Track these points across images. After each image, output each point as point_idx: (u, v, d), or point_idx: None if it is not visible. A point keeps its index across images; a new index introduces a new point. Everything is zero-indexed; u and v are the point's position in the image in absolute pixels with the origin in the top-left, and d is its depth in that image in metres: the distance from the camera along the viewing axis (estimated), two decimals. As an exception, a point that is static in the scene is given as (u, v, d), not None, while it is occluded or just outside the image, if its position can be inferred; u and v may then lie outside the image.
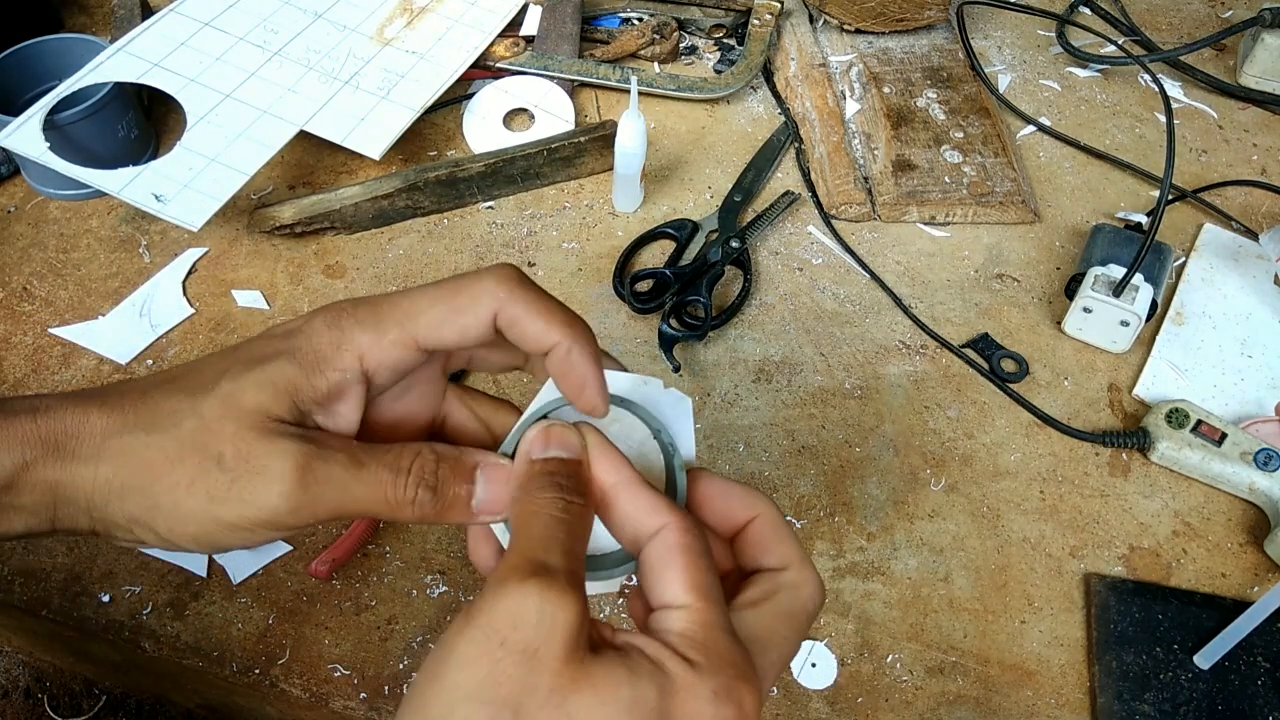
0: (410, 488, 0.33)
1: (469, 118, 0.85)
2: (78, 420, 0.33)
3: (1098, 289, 0.68)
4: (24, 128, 0.71)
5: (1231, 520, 0.63)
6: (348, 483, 0.33)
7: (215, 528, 0.32)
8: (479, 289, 0.34)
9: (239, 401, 0.32)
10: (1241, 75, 0.92)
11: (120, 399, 0.34)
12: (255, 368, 0.33)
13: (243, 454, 0.32)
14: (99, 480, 0.33)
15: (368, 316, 0.34)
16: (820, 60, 0.89)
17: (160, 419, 0.33)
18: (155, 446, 0.32)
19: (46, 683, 1.07)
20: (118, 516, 0.33)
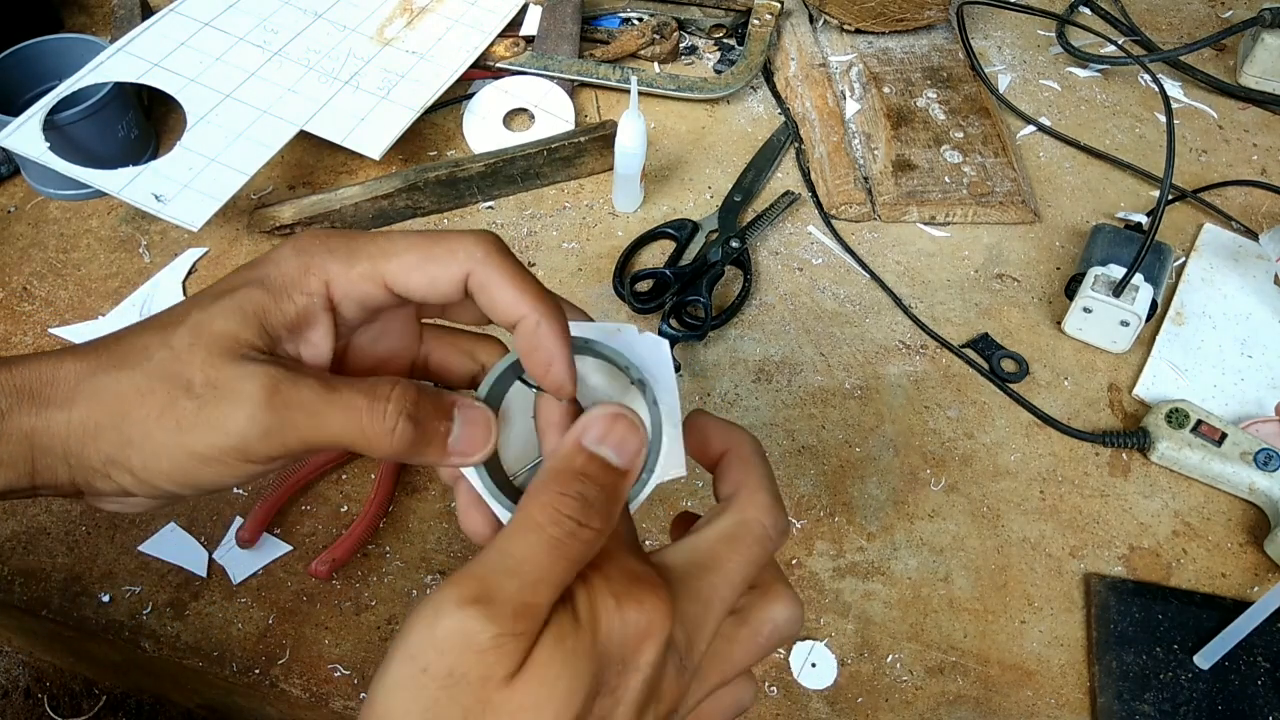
0: (391, 416, 0.32)
1: (469, 118, 0.85)
2: (51, 368, 0.33)
3: (1098, 289, 0.68)
4: (24, 128, 0.71)
5: (1231, 520, 0.63)
6: (319, 407, 0.31)
7: (187, 460, 0.31)
8: (456, 245, 0.33)
9: (208, 328, 0.32)
10: (1241, 75, 0.92)
11: (93, 345, 0.34)
12: (224, 297, 0.33)
13: (210, 380, 0.31)
14: (74, 423, 0.32)
15: (339, 246, 0.34)
16: (820, 60, 0.89)
17: (131, 355, 0.32)
18: (126, 381, 0.32)
19: (46, 683, 1.07)
20: (94, 460, 0.32)
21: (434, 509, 0.62)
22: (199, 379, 0.31)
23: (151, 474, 0.32)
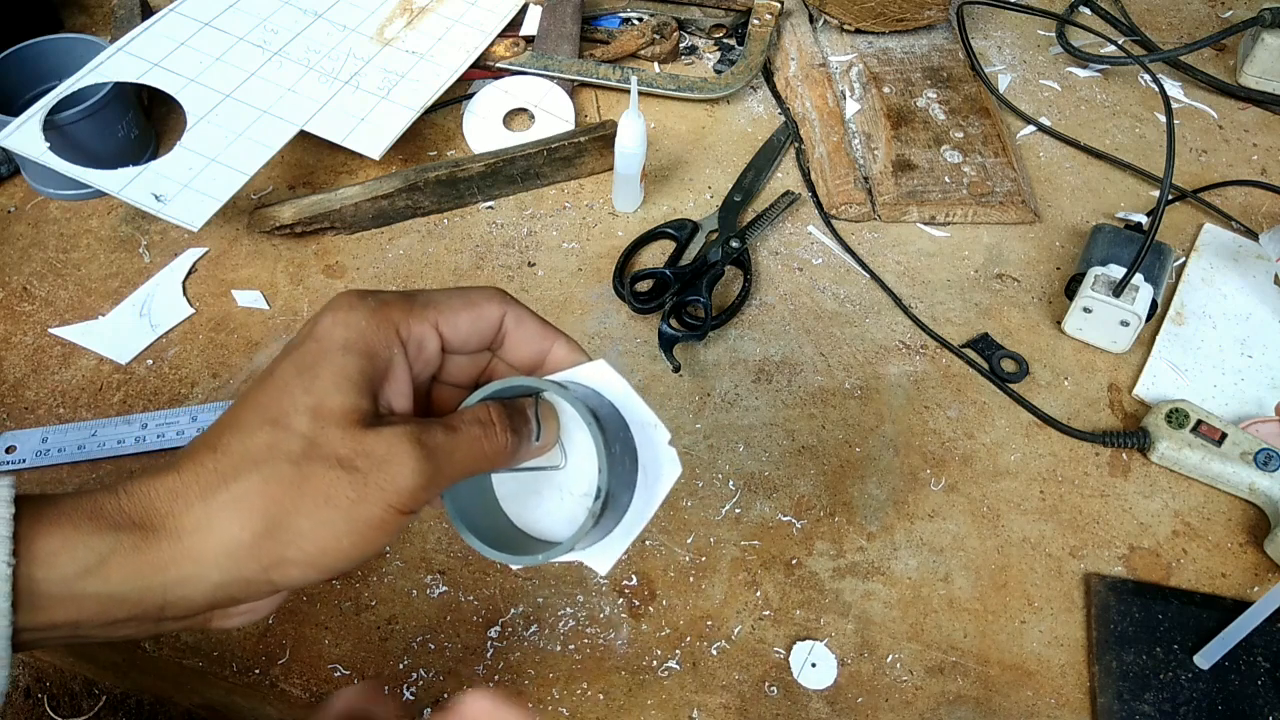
0: (501, 434, 0.35)
1: (469, 118, 0.85)
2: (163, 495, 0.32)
3: (1098, 289, 0.68)
4: (24, 128, 0.71)
5: (1231, 520, 0.63)
6: (452, 446, 0.34)
7: (364, 530, 0.32)
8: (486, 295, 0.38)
9: (327, 407, 0.33)
10: (1241, 75, 0.92)
11: (194, 460, 0.33)
12: (319, 372, 0.33)
13: (361, 451, 0.32)
14: (222, 542, 0.31)
15: (398, 301, 0.36)
16: (820, 60, 0.89)
17: (252, 457, 0.32)
18: (270, 481, 0.32)
19: (46, 683, 1.07)
20: (250, 570, 0.32)
21: (434, 509, 0.62)
22: (349, 453, 0.32)
23: (327, 558, 0.32)
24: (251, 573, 0.32)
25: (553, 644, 0.57)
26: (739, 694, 0.55)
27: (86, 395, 0.67)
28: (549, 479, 0.40)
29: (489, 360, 0.40)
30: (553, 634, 0.57)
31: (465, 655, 0.56)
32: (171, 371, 0.69)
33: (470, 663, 0.56)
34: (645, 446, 0.40)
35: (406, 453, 0.32)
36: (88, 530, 0.31)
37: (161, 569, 0.31)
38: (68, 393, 0.67)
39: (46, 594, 0.31)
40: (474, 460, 0.35)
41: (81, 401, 0.67)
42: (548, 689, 0.55)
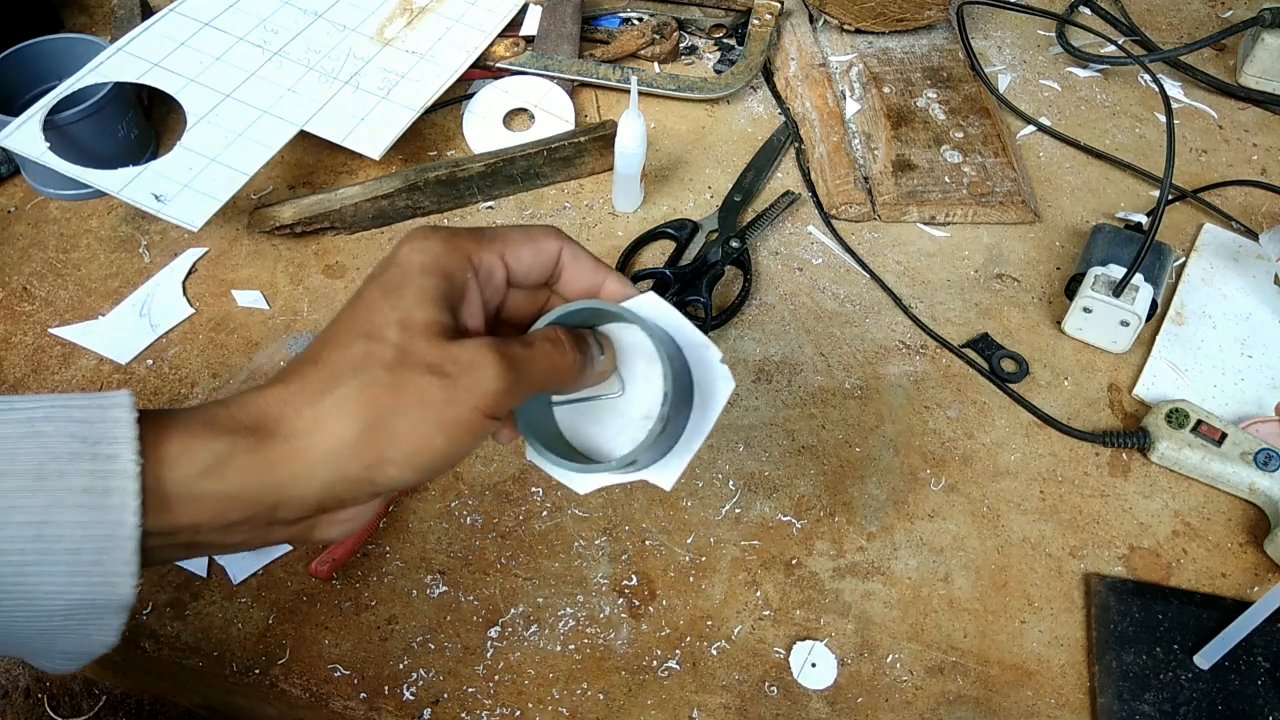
0: (570, 351, 0.39)
1: (469, 118, 0.85)
2: (271, 402, 0.34)
3: (1098, 289, 0.68)
4: (24, 128, 0.71)
5: (1231, 520, 0.63)
6: (529, 359, 0.37)
7: (455, 430, 0.34)
8: (545, 231, 0.41)
9: (414, 321, 0.35)
10: (1241, 75, 0.92)
11: (297, 373, 0.35)
12: (403, 293, 0.36)
13: (449, 358, 0.35)
14: (327, 441, 0.33)
15: (468, 234, 0.39)
16: (820, 60, 0.89)
17: (351, 366, 0.34)
18: (369, 387, 0.34)
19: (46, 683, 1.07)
20: (354, 469, 0.34)
21: (434, 509, 0.62)
22: (438, 360, 0.34)
23: (421, 456, 0.34)
24: (356, 471, 0.34)
25: (553, 644, 0.57)
26: (739, 694, 0.55)
27: (86, 395, 0.67)
28: (608, 407, 0.43)
29: (546, 298, 0.43)
30: (553, 634, 0.57)
31: (465, 655, 0.56)
32: (171, 371, 0.69)
33: (470, 663, 0.56)
34: (698, 366, 0.43)
35: (489, 360, 0.35)
36: (205, 435, 0.33)
37: (275, 467, 0.33)
38: (68, 393, 0.67)
39: (171, 494, 0.32)
40: (547, 373, 0.37)
41: (81, 401, 0.67)
42: (548, 689, 0.55)
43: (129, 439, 0.31)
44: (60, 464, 0.31)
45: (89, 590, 0.31)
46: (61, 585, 0.31)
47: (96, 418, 0.32)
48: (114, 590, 0.31)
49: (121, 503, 0.31)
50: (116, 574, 0.31)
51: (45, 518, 0.30)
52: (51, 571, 0.30)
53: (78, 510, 0.30)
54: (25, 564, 0.30)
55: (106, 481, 0.31)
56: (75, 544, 0.30)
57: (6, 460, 0.30)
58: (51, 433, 0.31)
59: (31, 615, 0.31)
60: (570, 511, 0.62)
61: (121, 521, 0.31)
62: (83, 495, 0.30)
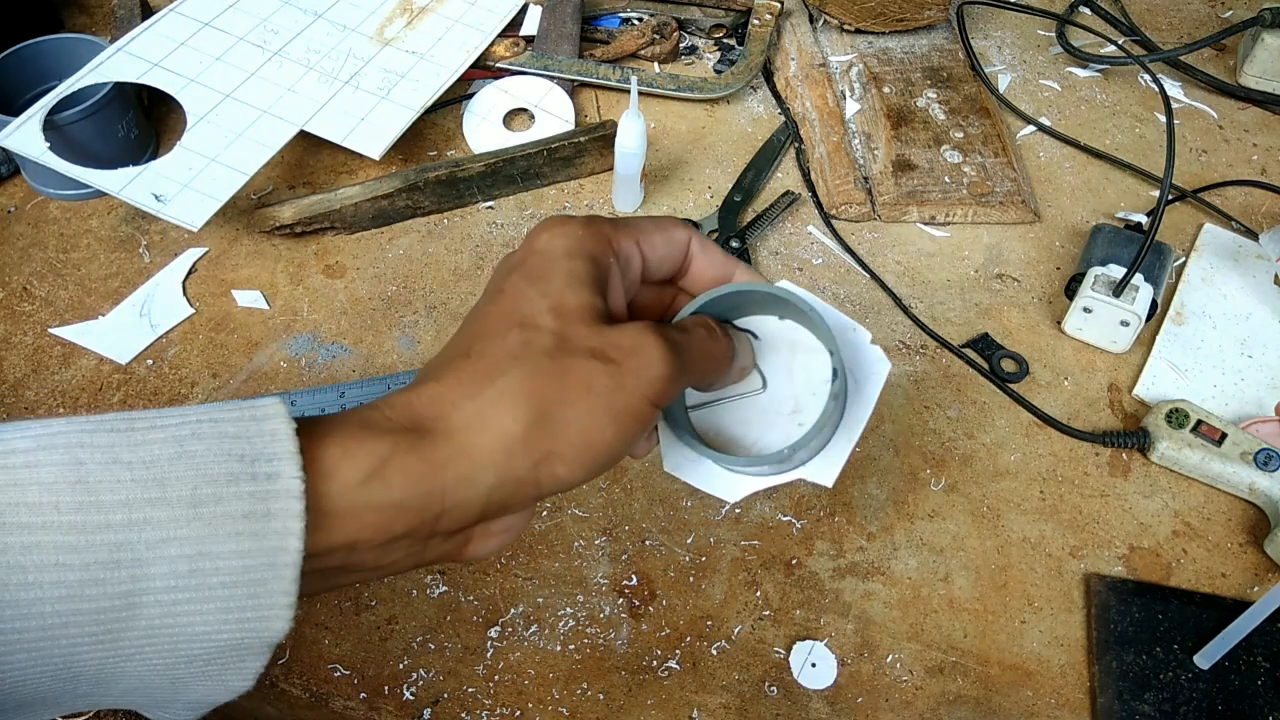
0: (723, 340, 0.37)
1: (469, 118, 0.85)
2: (426, 399, 0.32)
3: (1098, 289, 0.68)
4: (24, 128, 0.71)
5: (1231, 520, 0.63)
6: (688, 344, 0.35)
7: (626, 419, 0.32)
8: (674, 222, 0.39)
9: (569, 306, 0.33)
10: (1241, 75, 0.92)
11: (449, 365, 0.32)
12: (551, 279, 0.34)
13: (612, 342, 0.33)
14: (493, 439, 0.31)
15: (606, 220, 0.37)
16: (820, 60, 0.89)
17: (516, 354, 0.32)
18: (535, 373, 0.31)
19: (46, 683, 1.06)
20: (521, 468, 0.31)
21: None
22: (600, 345, 0.32)
23: (592, 449, 0.32)
24: (523, 469, 0.31)
25: (553, 644, 0.57)
26: (739, 694, 0.55)
27: (86, 395, 0.67)
28: (750, 405, 0.40)
29: (673, 296, 0.41)
30: (553, 634, 0.57)
31: (465, 655, 0.56)
32: (171, 371, 0.69)
33: (470, 663, 0.56)
34: (847, 350, 0.40)
35: (653, 343, 0.33)
36: (363, 437, 0.30)
37: (440, 468, 0.30)
38: (68, 393, 0.67)
39: (331, 508, 0.29)
40: (705, 359, 0.36)
41: (81, 402, 0.67)
42: (548, 689, 0.55)
43: (290, 454, 0.28)
44: (217, 487, 0.27)
45: (240, 628, 0.28)
46: (213, 625, 0.27)
47: (251, 431, 0.28)
48: (266, 626, 0.28)
49: (284, 526, 0.27)
50: (273, 606, 0.28)
51: (201, 549, 0.27)
52: (204, 610, 0.27)
53: (236, 539, 0.27)
54: (177, 604, 0.27)
55: (268, 504, 0.27)
56: (232, 576, 0.27)
57: (157, 488, 0.27)
58: (203, 452, 0.28)
59: (173, 661, 0.27)
60: (570, 511, 0.62)
61: (283, 548, 0.27)
62: (243, 521, 0.27)
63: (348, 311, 0.72)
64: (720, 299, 0.38)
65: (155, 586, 0.26)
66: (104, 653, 0.26)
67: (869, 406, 0.40)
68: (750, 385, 0.40)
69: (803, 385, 0.39)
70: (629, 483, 0.63)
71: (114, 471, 0.27)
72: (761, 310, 0.40)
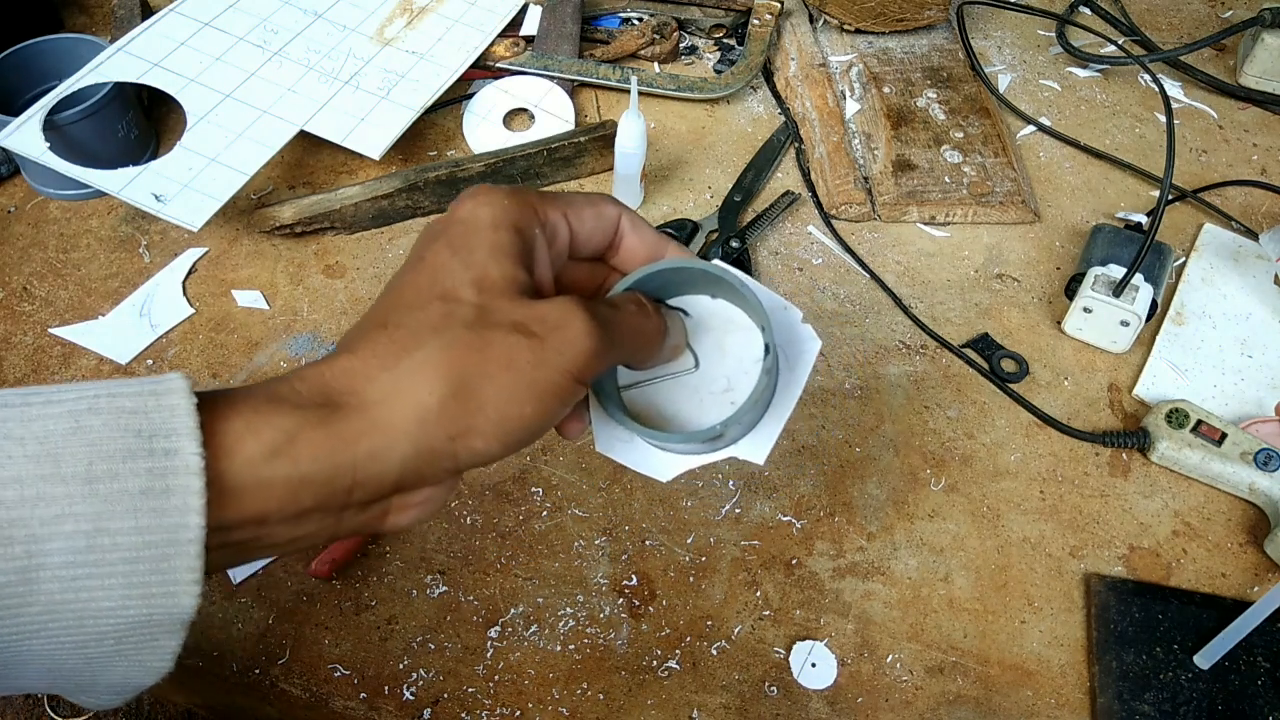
0: (655, 317, 0.36)
1: (469, 118, 0.85)
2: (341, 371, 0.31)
3: (1098, 289, 0.68)
4: (24, 128, 0.71)
5: (1231, 520, 0.63)
6: (617, 321, 0.34)
7: (546, 396, 0.32)
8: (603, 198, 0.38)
9: (490, 279, 0.32)
10: (1241, 75, 0.92)
11: (365, 337, 0.32)
12: (473, 249, 0.33)
13: (535, 316, 0.32)
14: (407, 412, 0.30)
15: (532, 190, 0.36)
16: (820, 60, 0.89)
17: (436, 325, 0.31)
18: (454, 345, 0.31)
19: (46, 683, 1.06)
20: (437, 440, 0.30)
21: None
22: (523, 319, 0.32)
23: (510, 424, 0.31)
24: (439, 442, 0.31)
25: (553, 644, 0.57)
26: (739, 694, 0.55)
27: (86, 395, 0.67)
28: (682, 384, 0.40)
29: (605, 275, 0.40)
30: (553, 634, 0.57)
31: (465, 655, 0.56)
32: (172, 371, 0.69)
33: (470, 663, 0.56)
34: (779, 329, 0.40)
35: (578, 318, 0.32)
36: (269, 412, 0.29)
37: (351, 443, 0.30)
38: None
39: (235, 483, 0.28)
40: (635, 336, 0.35)
41: (81, 401, 0.67)
42: (548, 689, 0.55)
43: (189, 429, 0.28)
44: (113, 464, 0.27)
45: (146, 605, 0.27)
46: (116, 601, 0.27)
47: (150, 406, 0.28)
48: (174, 603, 0.28)
49: (184, 503, 0.27)
50: (177, 583, 0.27)
51: (97, 525, 0.26)
52: (105, 585, 0.27)
53: (134, 515, 0.27)
54: (76, 579, 0.26)
55: (166, 480, 0.27)
56: (132, 552, 0.27)
57: (51, 463, 0.26)
58: (99, 427, 0.27)
59: (82, 640, 0.27)
60: (570, 511, 0.62)
61: (184, 524, 0.27)
62: (140, 498, 0.27)
63: (348, 311, 0.72)
64: (652, 276, 0.38)
65: (52, 562, 0.26)
66: (5, 628, 0.26)
67: (799, 385, 0.40)
68: (683, 364, 0.40)
69: (735, 364, 0.39)
70: (629, 483, 0.63)
71: (5, 448, 0.26)
72: (694, 289, 0.40)
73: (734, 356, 0.39)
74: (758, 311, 0.37)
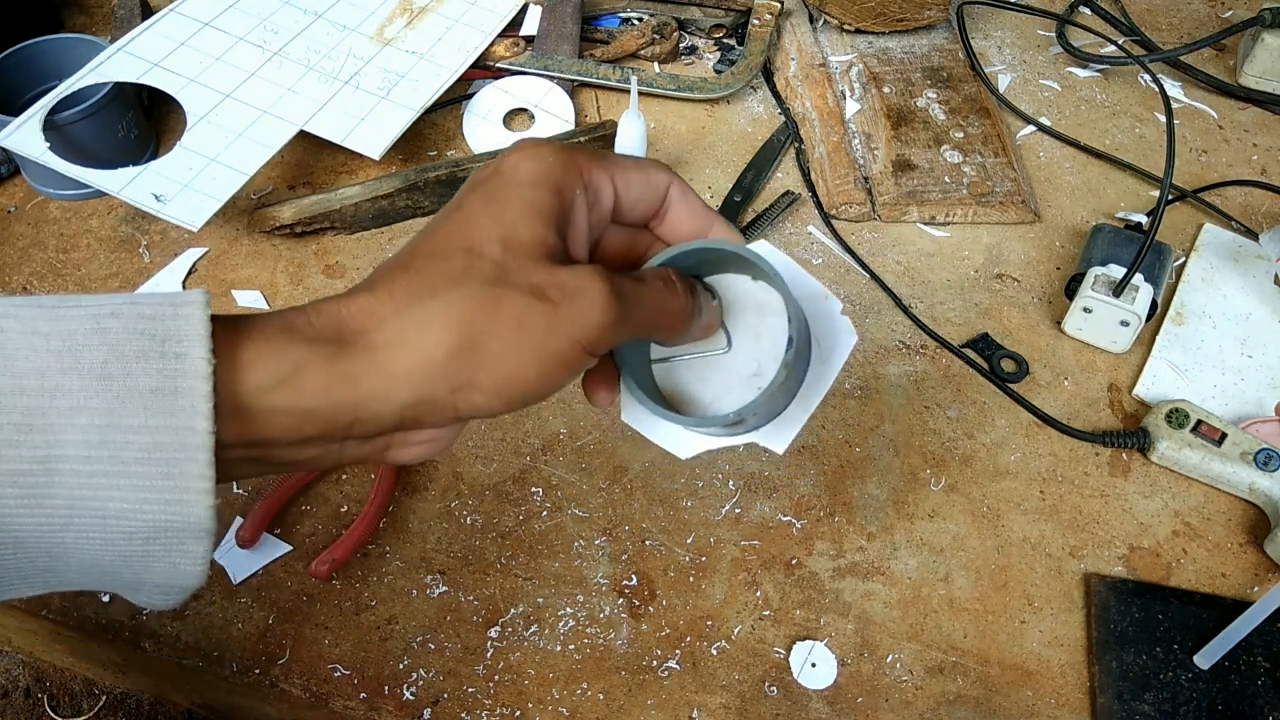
0: (683, 294, 0.35)
1: (469, 118, 0.85)
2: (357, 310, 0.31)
3: (1098, 289, 0.68)
4: (24, 128, 0.71)
5: (1231, 520, 0.63)
6: (640, 295, 0.34)
7: (548, 362, 0.31)
8: (655, 164, 0.37)
9: (518, 239, 0.32)
10: (1241, 75, 0.92)
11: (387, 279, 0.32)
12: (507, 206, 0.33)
13: (554, 282, 0.31)
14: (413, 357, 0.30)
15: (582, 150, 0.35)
16: (820, 60, 0.89)
17: (454, 277, 0.31)
18: (469, 299, 0.31)
19: (46, 683, 1.07)
20: (439, 391, 0.31)
21: (434, 509, 0.62)
22: (542, 283, 0.31)
23: (512, 385, 0.32)
24: (440, 392, 0.31)
25: (553, 644, 0.57)
26: (739, 694, 0.55)
27: (86, 395, 0.67)
28: (713, 364, 0.40)
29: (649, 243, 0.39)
30: (553, 634, 0.57)
31: (465, 655, 0.56)
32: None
33: (470, 663, 0.56)
34: (815, 319, 0.39)
35: (598, 289, 0.32)
36: (281, 342, 0.30)
37: (355, 381, 0.30)
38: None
39: (244, 405, 0.29)
40: (656, 315, 0.35)
41: (81, 401, 0.67)
42: (548, 689, 0.55)
43: (200, 336, 0.29)
44: (126, 363, 0.28)
45: (163, 509, 0.28)
46: (132, 501, 0.28)
47: (166, 314, 0.29)
48: (189, 510, 0.28)
49: (191, 405, 0.28)
50: (189, 489, 0.28)
51: (110, 420, 0.27)
52: (121, 485, 0.28)
53: (145, 413, 0.28)
54: (94, 475, 0.27)
55: (175, 381, 0.28)
56: (143, 452, 0.28)
57: (70, 357, 0.27)
58: (118, 329, 0.28)
59: (110, 538, 0.28)
60: (570, 511, 0.62)
61: (192, 427, 0.28)
62: (150, 396, 0.28)
63: (348, 311, 0.72)
64: (691, 253, 0.37)
65: (69, 455, 0.27)
66: (35, 518, 0.27)
67: (830, 377, 0.39)
68: (715, 344, 0.39)
69: (767, 349, 0.39)
70: (629, 483, 0.63)
71: (31, 341, 0.27)
72: (736, 269, 0.39)
73: (767, 341, 0.39)
74: (788, 300, 0.36)
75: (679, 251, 0.37)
